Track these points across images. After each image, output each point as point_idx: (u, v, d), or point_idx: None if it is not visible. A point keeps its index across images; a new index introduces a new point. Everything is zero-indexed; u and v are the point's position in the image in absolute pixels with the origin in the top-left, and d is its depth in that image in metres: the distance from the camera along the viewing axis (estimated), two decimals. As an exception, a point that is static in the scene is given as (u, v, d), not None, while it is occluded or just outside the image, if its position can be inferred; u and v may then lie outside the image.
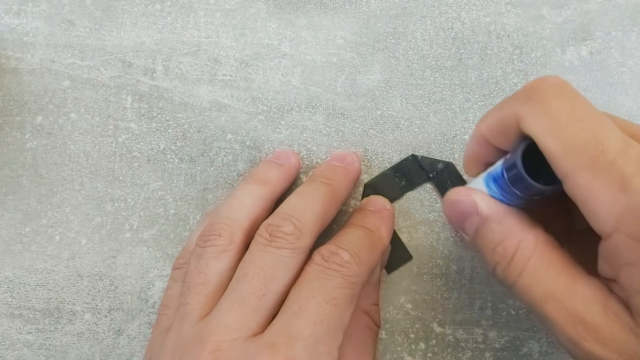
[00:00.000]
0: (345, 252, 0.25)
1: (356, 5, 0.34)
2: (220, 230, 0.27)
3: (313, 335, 0.23)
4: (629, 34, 0.33)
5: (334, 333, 0.24)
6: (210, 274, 0.26)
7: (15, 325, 0.30)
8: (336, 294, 0.24)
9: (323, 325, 0.23)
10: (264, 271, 0.25)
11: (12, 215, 0.31)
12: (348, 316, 0.25)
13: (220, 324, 0.24)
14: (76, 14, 0.34)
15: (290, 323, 0.23)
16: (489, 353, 0.30)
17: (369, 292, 0.28)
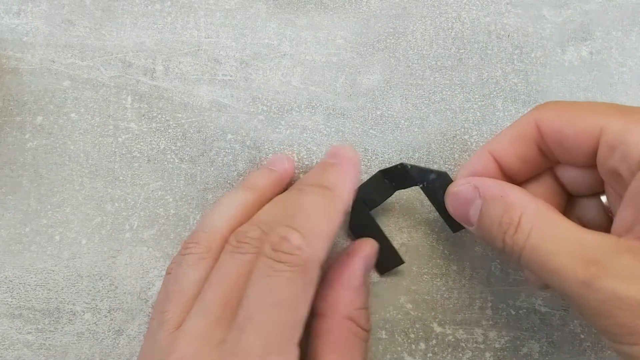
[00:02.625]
0: (295, 234, 0.24)
1: (356, 5, 0.34)
2: (198, 239, 0.27)
3: (264, 349, 0.22)
4: (629, 34, 0.33)
5: (288, 336, 0.23)
6: (186, 283, 0.26)
7: (15, 325, 0.30)
8: (286, 293, 0.23)
9: (273, 334, 0.22)
10: (228, 278, 0.24)
11: (12, 215, 0.31)
12: (304, 306, 0.23)
13: (188, 334, 0.23)
14: (76, 14, 0.34)
15: (240, 338, 0.22)
16: (489, 353, 0.30)
17: (351, 297, 0.27)
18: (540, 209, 0.23)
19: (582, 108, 0.24)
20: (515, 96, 0.33)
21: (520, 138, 0.25)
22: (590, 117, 0.23)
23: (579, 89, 0.33)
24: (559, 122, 0.24)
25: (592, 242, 0.22)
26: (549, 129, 0.24)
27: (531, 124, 0.25)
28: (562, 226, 0.23)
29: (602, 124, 0.23)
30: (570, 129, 0.24)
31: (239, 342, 0.22)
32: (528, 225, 0.23)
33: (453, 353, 0.30)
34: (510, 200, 0.24)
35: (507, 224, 0.24)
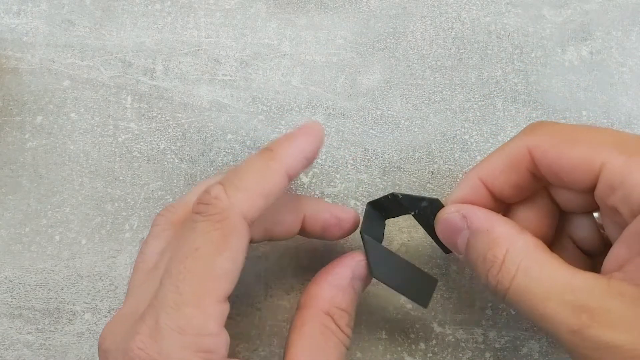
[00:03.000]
0: (217, 186, 0.23)
1: (356, 5, 0.34)
2: (164, 212, 0.27)
3: (176, 300, 0.21)
4: (629, 34, 0.33)
5: (204, 288, 0.21)
6: (147, 253, 0.26)
7: (15, 325, 0.30)
8: (200, 242, 0.22)
9: (186, 284, 0.21)
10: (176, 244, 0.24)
11: (12, 215, 0.31)
12: (227, 259, 0.22)
13: (130, 295, 0.24)
14: (76, 14, 0.34)
15: (158, 291, 0.22)
16: (489, 353, 0.30)
17: (334, 294, 0.25)
18: (528, 247, 0.23)
19: (580, 137, 0.22)
20: (515, 96, 0.33)
21: (511, 166, 0.24)
22: (588, 150, 0.22)
23: (579, 89, 0.33)
24: (554, 153, 0.23)
25: (582, 285, 0.21)
26: (543, 158, 0.23)
27: (523, 151, 0.24)
28: (551, 267, 0.22)
29: (602, 159, 0.21)
30: (566, 162, 0.22)
31: (157, 295, 0.22)
32: (514, 265, 0.22)
33: (453, 353, 0.30)
34: (496, 235, 0.23)
35: (491, 261, 0.23)
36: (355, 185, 0.32)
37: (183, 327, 0.21)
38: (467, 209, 0.25)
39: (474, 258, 0.24)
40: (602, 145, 0.22)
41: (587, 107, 0.32)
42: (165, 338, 0.21)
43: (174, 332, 0.21)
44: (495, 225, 0.24)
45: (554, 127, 0.24)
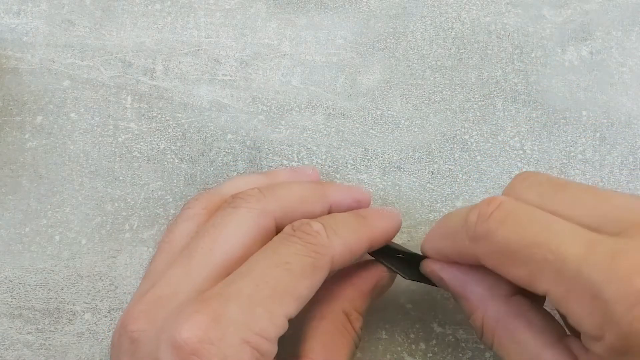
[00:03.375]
0: (318, 223, 0.24)
1: (356, 5, 0.34)
2: (198, 197, 0.27)
3: (252, 296, 0.21)
4: (629, 34, 0.33)
5: (280, 298, 0.22)
6: (177, 234, 0.26)
7: (15, 325, 0.30)
8: (291, 259, 0.22)
9: (267, 287, 0.21)
10: (215, 227, 0.24)
11: (12, 215, 0.31)
12: (305, 288, 0.22)
13: (165, 277, 0.23)
14: (76, 14, 0.34)
15: (232, 281, 0.22)
16: (489, 353, 0.30)
17: (354, 295, 0.26)
18: (500, 318, 0.23)
19: (517, 257, 0.20)
20: (515, 96, 0.33)
21: (467, 262, 0.24)
22: (528, 276, 0.20)
23: (579, 89, 0.33)
24: (500, 271, 0.21)
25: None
26: (492, 269, 0.22)
27: (471, 256, 0.22)
28: (520, 340, 0.22)
29: (543, 290, 0.20)
30: (514, 281, 0.21)
31: (229, 286, 0.22)
32: (490, 335, 0.23)
33: (453, 353, 0.30)
34: (471, 303, 0.24)
35: (474, 327, 0.24)
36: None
37: (250, 323, 0.21)
38: (443, 271, 0.25)
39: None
40: (542, 272, 0.19)
41: (587, 107, 0.32)
42: (230, 326, 0.20)
43: (240, 323, 0.21)
44: (468, 291, 0.24)
45: (494, 232, 0.21)
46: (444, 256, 0.25)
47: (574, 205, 0.21)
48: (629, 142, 0.32)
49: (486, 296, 0.23)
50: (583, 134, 0.32)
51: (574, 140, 0.32)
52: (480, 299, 0.23)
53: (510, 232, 0.21)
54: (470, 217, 0.22)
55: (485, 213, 0.21)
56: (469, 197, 0.31)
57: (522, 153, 0.32)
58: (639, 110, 0.32)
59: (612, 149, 0.32)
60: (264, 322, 0.21)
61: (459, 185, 0.32)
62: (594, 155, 0.32)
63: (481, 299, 0.23)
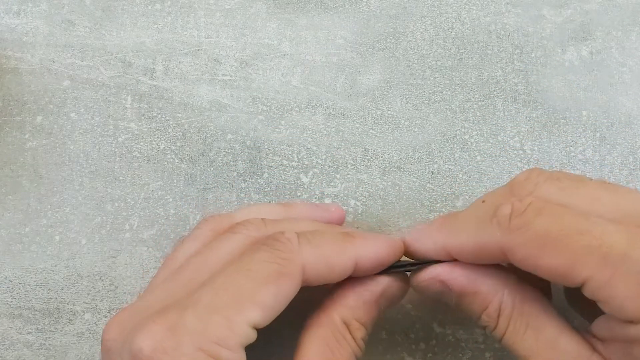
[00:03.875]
0: (291, 233, 0.23)
1: (356, 5, 0.34)
2: (210, 219, 0.28)
3: (210, 304, 0.21)
4: (629, 34, 0.33)
5: (240, 305, 0.21)
6: (180, 253, 0.27)
7: (15, 325, 0.30)
8: (254, 266, 0.22)
9: (226, 294, 0.21)
10: (209, 249, 0.25)
11: (12, 215, 0.31)
12: (270, 294, 0.22)
13: (150, 292, 0.24)
14: (76, 14, 0.34)
15: (195, 292, 0.22)
16: (489, 353, 0.30)
17: (356, 304, 0.25)
18: (516, 305, 0.23)
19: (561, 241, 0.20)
20: (515, 96, 0.33)
21: (483, 256, 0.23)
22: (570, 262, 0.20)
23: (579, 89, 0.33)
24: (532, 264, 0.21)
25: (565, 351, 0.21)
26: (519, 264, 0.22)
27: (496, 248, 0.22)
28: (536, 326, 0.22)
29: (585, 274, 0.20)
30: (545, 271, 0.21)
31: (190, 296, 0.22)
32: (504, 324, 0.23)
33: (453, 353, 0.30)
34: (485, 296, 0.23)
35: (486, 321, 0.23)
36: (355, 185, 0.32)
37: (206, 331, 0.21)
38: (442, 272, 0.24)
39: (468, 314, 0.24)
40: (585, 258, 0.20)
41: (587, 107, 0.32)
42: (185, 335, 0.20)
43: (196, 332, 0.20)
44: (481, 285, 0.23)
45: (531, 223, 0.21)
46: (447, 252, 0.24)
47: (594, 201, 0.22)
48: (629, 142, 0.32)
49: (500, 285, 0.23)
50: (583, 134, 0.32)
51: (574, 140, 0.32)
52: (494, 288, 0.23)
53: (550, 222, 0.21)
54: (502, 210, 0.22)
55: (519, 206, 0.21)
56: (469, 197, 0.31)
57: (522, 153, 0.32)
58: (639, 110, 0.32)
59: (612, 149, 0.32)
60: (221, 330, 0.21)
61: (459, 185, 0.32)
62: (594, 155, 0.32)
63: (496, 288, 0.23)
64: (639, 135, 0.32)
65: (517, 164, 0.32)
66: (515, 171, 0.32)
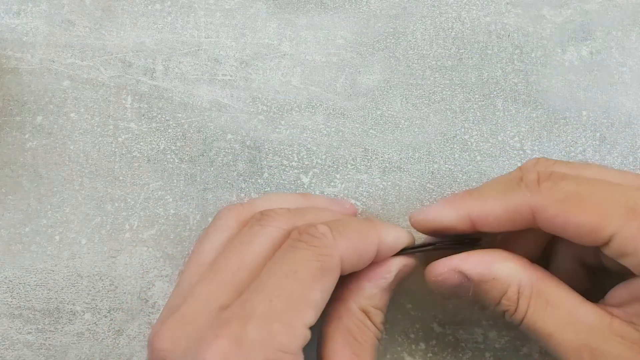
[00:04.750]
0: (323, 226, 0.24)
1: (356, 5, 0.34)
2: (230, 209, 0.28)
3: (268, 313, 0.21)
4: (629, 34, 0.33)
5: (296, 309, 0.22)
6: (205, 248, 0.26)
7: (15, 325, 0.30)
8: (299, 267, 0.23)
9: (280, 301, 0.22)
10: (243, 245, 0.25)
11: (12, 215, 0.31)
12: (317, 292, 0.23)
13: (193, 295, 0.24)
14: (76, 14, 0.34)
15: (247, 299, 0.22)
16: (489, 353, 0.30)
17: (373, 293, 0.26)
18: (534, 285, 0.23)
19: (588, 199, 0.22)
20: (515, 96, 0.33)
21: (509, 219, 0.24)
22: (598, 217, 0.21)
23: (579, 89, 0.33)
24: (560, 220, 0.22)
25: (586, 321, 0.22)
26: (548, 223, 0.23)
27: (525, 209, 0.23)
28: (555, 302, 0.23)
29: (613, 228, 0.21)
30: (574, 228, 0.22)
31: (244, 305, 0.22)
32: (525, 305, 0.23)
33: (453, 353, 0.30)
34: (504, 280, 0.24)
35: (507, 305, 0.24)
36: (355, 185, 0.32)
37: (270, 340, 0.21)
38: (460, 263, 0.25)
39: (486, 303, 0.25)
40: (613, 211, 0.21)
41: (587, 107, 0.32)
42: (251, 347, 0.21)
43: (260, 343, 0.21)
44: (497, 270, 0.24)
45: (561, 192, 0.22)
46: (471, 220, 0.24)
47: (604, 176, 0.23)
48: (629, 142, 0.32)
49: (517, 267, 0.24)
50: (583, 134, 0.32)
51: (574, 140, 0.32)
52: (512, 272, 0.24)
53: (578, 183, 0.22)
54: (528, 177, 0.23)
55: (545, 173, 0.23)
56: (469, 197, 0.31)
57: (522, 153, 0.32)
58: (639, 110, 0.32)
59: (612, 149, 0.32)
60: (283, 337, 0.21)
61: (459, 185, 0.32)
62: (594, 155, 0.32)
63: (514, 271, 0.24)
64: (639, 135, 0.32)
65: (517, 164, 0.32)
66: (515, 171, 0.32)
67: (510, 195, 0.23)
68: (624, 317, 0.22)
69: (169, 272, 0.31)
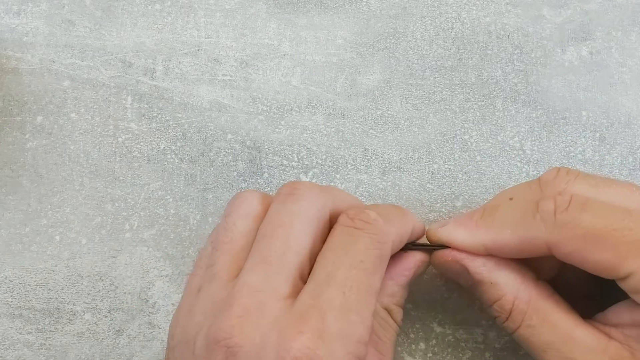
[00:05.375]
0: (372, 212, 0.24)
1: (356, 5, 0.34)
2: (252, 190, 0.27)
3: (344, 305, 0.21)
4: (629, 34, 0.33)
5: (365, 300, 0.22)
6: (237, 232, 0.25)
7: (15, 325, 0.30)
8: (364, 256, 0.23)
9: (353, 292, 0.22)
10: (282, 228, 0.24)
11: (12, 215, 0.31)
12: (378, 280, 0.23)
13: (246, 286, 0.22)
14: (76, 14, 0.34)
15: (319, 292, 0.22)
16: (489, 353, 0.30)
17: (395, 290, 0.26)
18: (531, 300, 0.23)
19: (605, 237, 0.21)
20: (515, 96, 0.33)
21: (524, 252, 0.24)
22: (615, 257, 0.21)
23: (579, 89, 0.33)
24: (577, 257, 0.22)
25: (581, 342, 0.22)
26: (565, 258, 0.23)
27: (541, 244, 0.23)
28: (552, 320, 0.23)
29: (629, 270, 0.21)
30: (590, 266, 0.22)
31: (319, 296, 0.22)
32: (518, 318, 0.23)
33: (453, 353, 0.30)
34: (500, 288, 0.24)
35: (498, 312, 0.24)
36: (355, 185, 0.32)
37: (350, 332, 0.21)
38: (465, 259, 0.25)
39: (480, 301, 0.25)
40: (630, 251, 0.21)
41: (587, 107, 0.32)
42: (334, 341, 0.21)
43: (341, 336, 0.21)
44: (498, 277, 0.24)
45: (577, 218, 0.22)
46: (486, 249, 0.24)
47: (626, 198, 0.23)
48: (629, 142, 0.32)
49: (518, 280, 0.24)
50: (583, 134, 0.32)
51: (574, 140, 0.32)
52: (511, 282, 0.24)
53: (596, 218, 0.22)
54: (545, 206, 0.23)
55: (562, 201, 0.22)
56: (468, 197, 0.31)
57: (522, 153, 0.32)
58: (638, 110, 0.32)
59: (612, 149, 0.32)
60: (359, 328, 0.21)
61: (459, 185, 0.32)
62: (594, 155, 0.32)
63: (513, 282, 0.24)
64: (638, 135, 0.32)
65: (516, 164, 0.32)
66: (515, 171, 0.32)
67: (526, 228, 0.23)
68: (622, 339, 0.22)
69: (169, 272, 0.31)
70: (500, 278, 0.24)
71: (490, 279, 0.24)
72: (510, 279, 0.24)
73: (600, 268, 0.22)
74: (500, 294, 0.24)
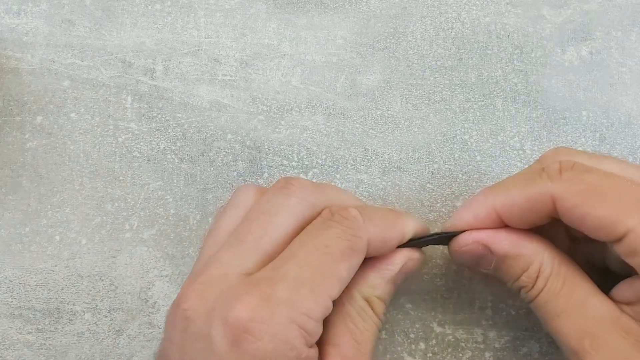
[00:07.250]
0: (355, 210, 0.25)
1: (356, 5, 0.34)
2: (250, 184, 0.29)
3: (297, 278, 0.23)
4: (629, 34, 0.33)
5: (323, 280, 0.23)
6: (226, 218, 0.27)
7: (15, 325, 0.30)
8: (330, 242, 0.24)
9: (310, 269, 0.23)
10: (266, 215, 0.25)
11: (12, 215, 0.31)
12: (345, 269, 0.24)
13: (216, 259, 0.24)
14: (76, 14, 0.34)
15: (278, 265, 0.23)
16: (489, 353, 0.30)
17: (377, 283, 0.26)
18: (554, 265, 0.24)
19: (608, 193, 0.22)
20: (515, 96, 0.33)
21: (531, 208, 0.24)
22: (615, 212, 0.22)
23: (579, 89, 0.33)
24: (579, 211, 0.23)
25: (594, 310, 0.22)
26: (567, 213, 0.23)
27: (546, 198, 0.23)
28: (570, 285, 0.23)
29: (628, 225, 0.21)
30: (591, 221, 0.22)
31: (276, 269, 0.23)
32: (542, 283, 0.24)
33: (453, 353, 0.30)
34: (526, 258, 0.24)
35: (525, 282, 0.25)
36: (355, 185, 0.32)
37: (297, 303, 0.22)
38: (486, 237, 0.25)
39: (506, 278, 0.25)
40: (630, 208, 0.22)
41: (587, 107, 0.32)
42: (278, 306, 0.22)
43: (287, 303, 0.22)
44: (523, 248, 0.25)
45: (582, 182, 0.23)
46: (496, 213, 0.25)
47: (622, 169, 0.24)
48: (629, 142, 0.32)
49: (540, 247, 0.24)
50: (583, 134, 0.32)
51: (574, 140, 0.32)
52: (536, 251, 0.24)
53: (600, 177, 0.23)
54: (551, 166, 0.24)
55: (567, 163, 0.23)
56: (468, 197, 0.31)
57: (522, 153, 0.32)
58: (639, 110, 0.32)
59: (612, 149, 0.32)
60: (309, 302, 0.22)
61: (459, 185, 0.32)
62: (594, 155, 0.32)
63: (537, 250, 0.24)
64: (638, 135, 0.32)
65: (516, 164, 0.32)
66: (515, 171, 0.32)
67: (533, 185, 0.24)
68: (634, 315, 0.22)
69: (169, 272, 0.31)
70: (524, 249, 0.25)
71: (515, 251, 0.25)
72: (534, 246, 0.24)
73: (600, 225, 0.22)
74: (527, 264, 0.24)
